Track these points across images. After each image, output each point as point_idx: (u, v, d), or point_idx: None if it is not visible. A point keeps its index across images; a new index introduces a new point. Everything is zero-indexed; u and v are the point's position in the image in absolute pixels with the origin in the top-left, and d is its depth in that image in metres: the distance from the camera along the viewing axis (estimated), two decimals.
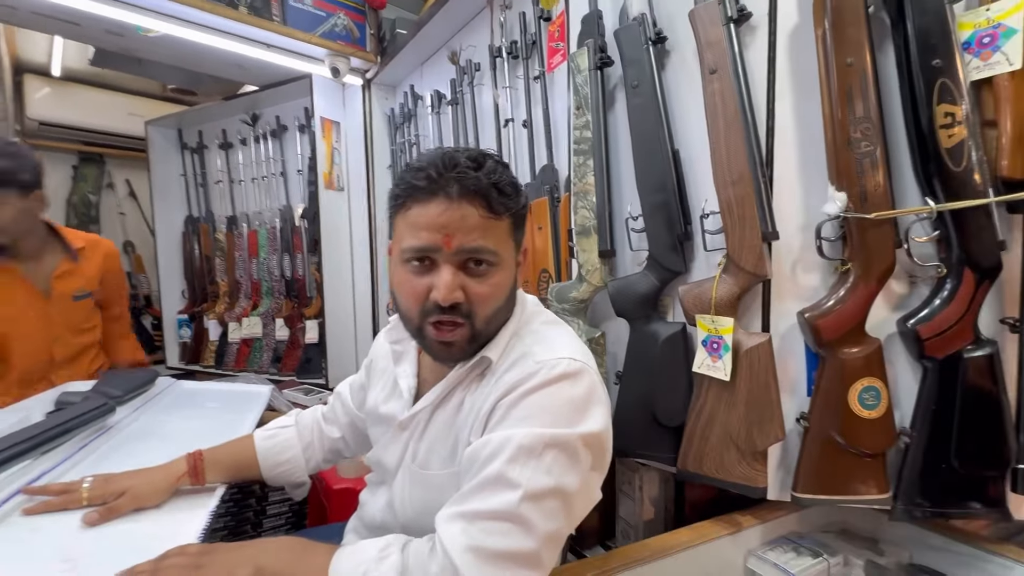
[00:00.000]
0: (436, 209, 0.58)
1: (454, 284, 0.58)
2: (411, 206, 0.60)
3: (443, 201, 0.57)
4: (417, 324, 0.62)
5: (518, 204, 0.62)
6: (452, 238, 0.58)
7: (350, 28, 1.90)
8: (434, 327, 0.60)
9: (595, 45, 0.96)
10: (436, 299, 0.58)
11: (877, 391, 0.75)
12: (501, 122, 1.40)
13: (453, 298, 0.58)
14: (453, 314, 0.59)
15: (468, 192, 0.57)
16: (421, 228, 0.58)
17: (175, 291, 2.54)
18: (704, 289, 0.82)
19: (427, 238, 0.58)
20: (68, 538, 0.67)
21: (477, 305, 0.60)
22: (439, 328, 0.60)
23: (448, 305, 0.58)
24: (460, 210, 0.57)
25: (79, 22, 1.59)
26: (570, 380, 0.57)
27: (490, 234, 0.59)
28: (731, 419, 0.80)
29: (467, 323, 0.60)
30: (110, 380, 1.25)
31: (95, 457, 0.91)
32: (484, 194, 0.58)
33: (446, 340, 0.61)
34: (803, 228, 0.80)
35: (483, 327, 0.62)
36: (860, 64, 0.72)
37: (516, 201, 0.62)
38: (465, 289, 0.59)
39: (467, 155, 0.59)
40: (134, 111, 2.67)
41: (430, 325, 0.60)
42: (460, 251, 0.58)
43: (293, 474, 0.89)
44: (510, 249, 0.63)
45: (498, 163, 0.61)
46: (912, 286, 0.77)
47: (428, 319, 0.60)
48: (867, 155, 0.73)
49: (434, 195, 0.58)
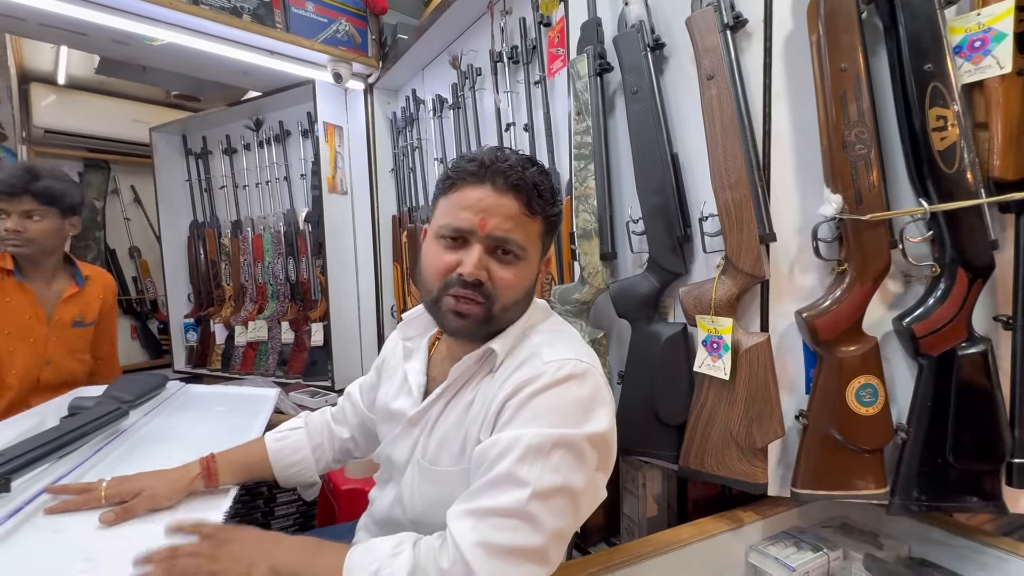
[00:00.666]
0: (480, 193, 0.62)
1: (481, 263, 0.62)
2: (459, 187, 0.64)
3: (488, 188, 0.62)
4: (436, 295, 0.65)
5: (553, 210, 0.66)
6: (488, 222, 0.62)
7: (352, 34, 1.92)
8: (453, 297, 0.63)
9: (594, 51, 0.98)
10: (462, 272, 0.62)
11: (874, 388, 0.76)
12: (503, 126, 1.42)
13: (478, 274, 0.62)
14: (474, 291, 0.63)
15: (512, 185, 0.62)
16: (462, 208, 0.63)
17: (181, 296, 2.57)
18: (704, 290, 0.84)
19: (466, 219, 0.62)
20: (89, 538, 0.69)
21: (499, 289, 0.63)
22: (457, 300, 0.63)
23: (472, 281, 0.62)
24: (502, 199, 0.62)
25: (86, 32, 1.61)
26: (577, 381, 0.59)
27: (522, 229, 0.63)
28: (731, 417, 0.82)
29: (485, 303, 0.63)
30: (121, 385, 1.27)
31: (110, 460, 0.94)
32: (526, 191, 0.62)
33: (461, 311, 0.63)
34: (800, 230, 0.81)
35: (499, 312, 0.65)
36: (854, 69, 0.74)
37: (552, 207, 0.66)
38: (489, 271, 0.63)
39: (517, 156, 0.65)
40: (139, 118, 2.69)
41: (449, 295, 0.64)
42: (492, 236, 0.62)
43: (304, 474, 0.91)
44: (537, 249, 0.67)
45: (543, 171, 0.66)
46: (907, 285, 0.79)
47: (448, 290, 0.64)
48: (861, 158, 0.74)
49: (482, 181, 0.63)
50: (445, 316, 0.65)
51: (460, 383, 0.69)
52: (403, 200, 2.01)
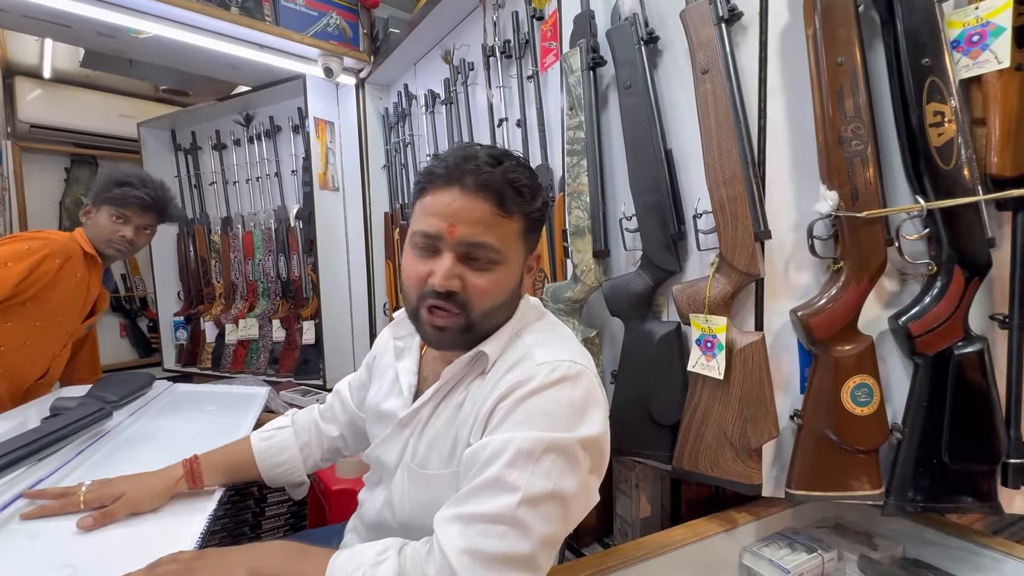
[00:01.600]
0: (447, 198, 0.59)
1: (451, 272, 0.59)
2: (428, 192, 0.62)
3: (456, 191, 0.59)
4: (415, 306, 0.64)
5: (533, 207, 0.63)
6: (456, 228, 0.59)
7: (343, 28, 1.89)
8: (428, 311, 0.62)
9: (587, 45, 0.96)
10: (432, 284, 0.60)
11: (869, 388, 0.75)
12: (495, 122, 1.40)
13: (448, 285, 0.59)
14: (448, 302, 0.61)
15: (481, 186, 0.59)
16: (431, 214, 0.60)
17: (171, 293, 2.54)
18: (698, 288, 0.83)
19: (434, 224, 0.60)
20: (67, 543, 0.67)
21: (474, 297, 0.61)
22: (432, 312, 0.61)
23: (443, 292, 0.60)
24: (470, 202, 0.59)
25: (70, 24, 1.58)
26: (569, 383, 0.58)
27: (496, 231, 0.60)
28: (726, 417, 0.81)
29: (461, 313, 0.61)
30: (106, 384, 1.25)
31: (92, 463, 0.91)
32: (497, 191, 0.59)
33: (438, 324, 0.62)
34: (795, 227, 0.80)
35: (479, 320, 0.62)
36: (850, 63, 0.73)
37: (531, 204, 0.62)
38: (463, 280, 0.60)
39: (488, 152, 0.61)
40: (126, 112, 2.65)
41: (425, 309, 0.62)
42: (462, 242, 0.59)
43: (292, 474, 0.89)
44: (518, 250, 0.63)
45: (519, 164, 0.62)
46: (903, 284, 0.78)
47: (424, 302, 0.62)
48: (858, 154, 0.73)
49: (449, 184, 0.60)
50: (424, 329, 0.64)
51: (451, 384, 0.67)
52: (395, 197, 1.98)
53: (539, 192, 0.64)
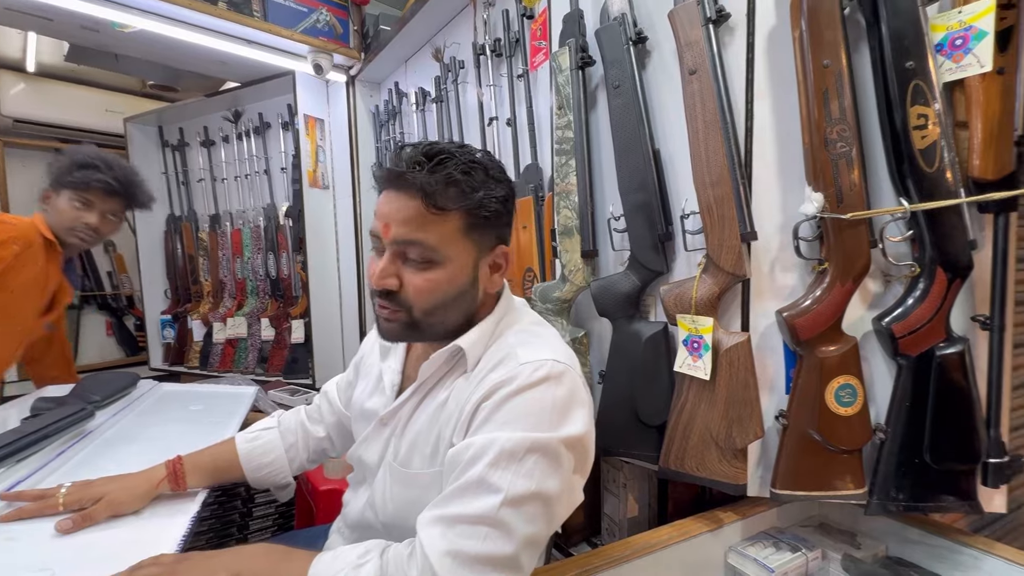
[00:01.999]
0: (384, 198, 0.61)
1: (385, 271, 0.61)
2: (379, 194, 0.64)
3: (389, 192, 0.61)
4: (373, 302, 0.66)
5: (473, 201, 0.59)
6: (389, 228, 0.60)
7: (333, 24, 1.87)
8: (379, 307, 0.64)
9: (576, 45, 0.96)
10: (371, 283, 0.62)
11: (853, 388, 0.76)
12: (485, 120, 1.39)
13: (383, 284, 0.61)
14: (388, 300, 0.62)
15: (407, 184, 0.59)
16: (376, 215, 0.62)
17: (158, 291, 2.51)
18: (685, 289, 0.83)
19: (376, 225, 0.62)
20: (45, 546, 0.66)
21: (412, 296, 0.61)
22: (381, 308, 0.63)
23: (380, 291, 0.61)
24: (398, 201, 0.60)
25: (52, 17, 1.55)
26: (553, 382, 0.58)
27: (429, 228, 0.59)
28: (712, 417, 0.81)
29: (402, 311, 0.62)
30: (89, 384, 1.23)
31: (73, 464, 0.90)
32: (424, 189, 0.58)
33: (385, 317, 0.64)
34: (781, 228, 0.80)
35: (421, 318, 0.62)
36: (836, 65, 0.73)
37: (471, 198, 0.59)
38: (401, 279, 0.61)
39: (424, 148, 0.60)
40: (112, 108, 2.61)
41: (377, 305, 0.64)
42: (395, 242, 0.60)
43: (277, 475, 0.88)
44: (462, 247, 0.61)
45: (457, 159, 0.59)
46: (887, 285, 0.78)
47: (375, 299, 0.64)
48: (843, 156, 0.73)
49: (386, 184, 0.61)
50: (378, 322, 0.66)
51: (432, 382, 0.67)
52: None
53: (482, 186, 0.60)
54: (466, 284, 0.63)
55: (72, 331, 2.76)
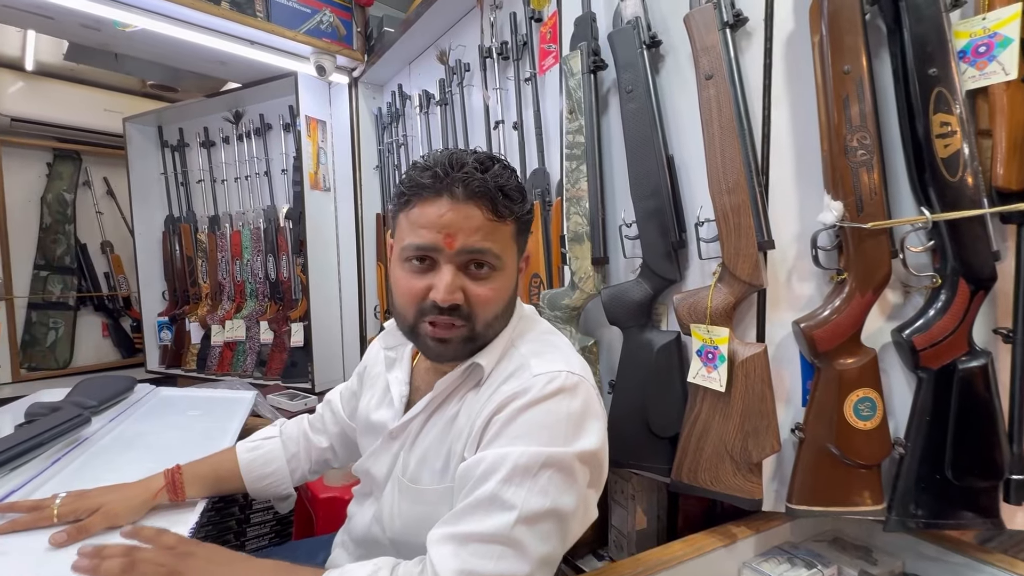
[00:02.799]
0: (440, 208, 0.57)
1: (454, 285, 0.57)
2: (415, 204, 0.59)
3: (447, 201, 0.57)
4: (412, 323, 0.61)
5: (523, 209, 0.62)
6: (455, 238, 0.57)
7: (336, 25, 1.86)
8: (430, 325, 0.59)
9: (588, 48, 0.94)
10: (435, 299, 0.57)
11: (872, 402, 0.74)
12: (491, 124, 1.38)
13: (453, 299, 0.57)
14: (452, 315, 0.59)
15: (473, 193, 0.57)
16: (423, 227, 0.58)
17: (155, 293, 2.48)
18: (699, 298, 0.81)
19: (429, 237, 0.57)
20: (38, 561, 0.64)
21: (478, 307, 0.59)
22: (435, 326, 0.59)
23: (447, 306, 0.57)
24: (464, 211, 0.57)
25: (53, 16, 1.53)
26: (567, 394, 0.56)
27: (493, 237, 0.58)
28: (726, 430, 0.79)
29: (466, 325, 0.59)
30: (85, 388, 1.21)
31: (68, 472, 0.88)
32: (490, 196, 0.57)
33: (442, 337, 0.60)
34: (798, 237, 0.79)
35: (482, 330, 0.61)
36: (857, 72, 0.71)
37: (521, 206, 0.61)
38: (465, 291, 0.58)
39: (475, 157, 0.59)
40: (111, 107, 2.59)
41: (426, 323, 0.60)
42: (462, 252, 0.57)
43: (278, 487, 0.86)
44: (513, 254, 0.62)
45: (505, 167, 0.61)
46: (907, 296, 0.77)
47: (424, 317, 0.60)
48: (863, 163, 0.72)
49: (439, 194, 0.57)
50: (425, 343, 0.62)
51: (444, 396, 0.65)
52: (388, 198, 1.95)
53: (526, 195, 0.63)
54: (514, 291, 0.64)
55: (68, 332, 2.73)
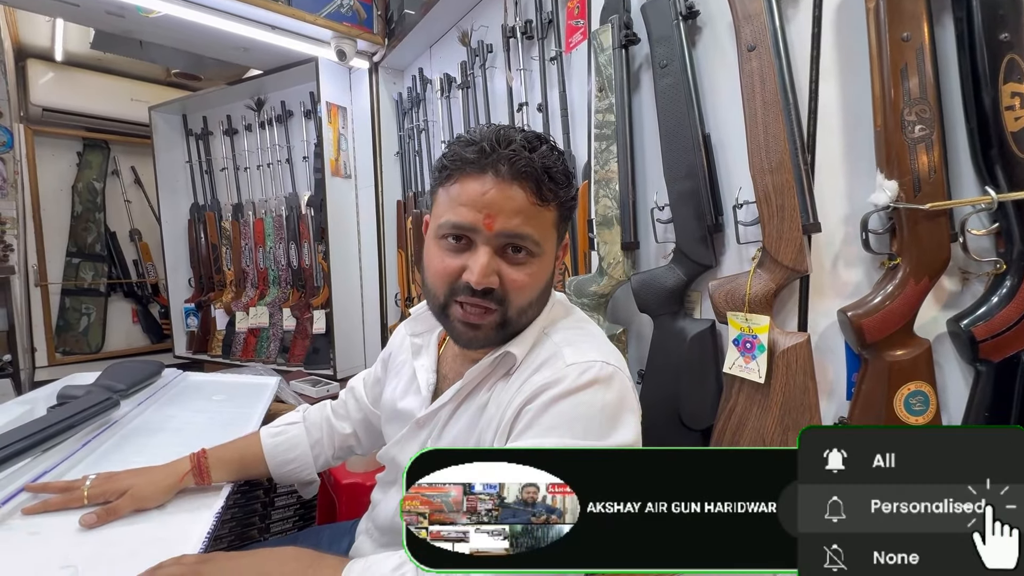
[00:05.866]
0: (483, 186, 0.54)
1: (490, 268, 0.54)
2: (457, 179, 0.56)
3: (491, 179, 0.54)
4: (442, 302, 0.59)
5: (568, 194, 0.58)
6: (495, 219, 0.54)
7: (356, 9, 1.83)
8: (460, 307, 0.57)
9: (620, 21, 0.90)
10: (469, 280, 0.55)
11: (926, 396, 0.70)
12: (514, 106, 1.34)
13: (487, 283, 0.54)
14: (485, 299, 0.56)
15: (519, 173, 0.54)
16: (463, 204, 0.55)
17: (182, 280, 2.52)
18: (737, 285, 0.77)
19: (468, 216, 0.54)
20: (69, 541, 0.64)
21: (512, 293, 0.56)
22: (466, 309, 0.57)
23: (481, 289, 0.55)
24: (508, 191, 0.54)
25: (78, 3, 1.54)
26: (602, 386, 0.53)
27: (535, 221, 0.55)
28: (765, 423, 0.76)
29: (499, 309, 0.57)
30: (114, 372, 1.22)
31: (99, 454, 0.89)
32: (535, 178, 0.54)
33: (472, 322, 0.57)
34: (846, 219, 0.74)
35: (515, 316, 0.58)
36: (917, 38, 0.66)
37: (567, 191, 0.58)
38: (500, 275, 0.55)
39: (523, 135, 0.56)
40: (138, 96, 2.63)
41: (456, 304, 0.57)
42: (501, 235, 0.54)
43: (302, 472, 0.86)
44: (552, 240, 0.59)
45: (553, 149, 0.57)
46: (965, 283, 0.71)
47: (455, 298, 0.57)
48: (922, 139, 0.66)
49: (483, 171, 0.54)
50: (454, 326, 0.59)
51: (473, 384, 0.63)
52: (408, 184, 1.93)
53: (572, 179, 0.59)
54: (550, 278, 0.61)
55: (99, 318, 2.81)
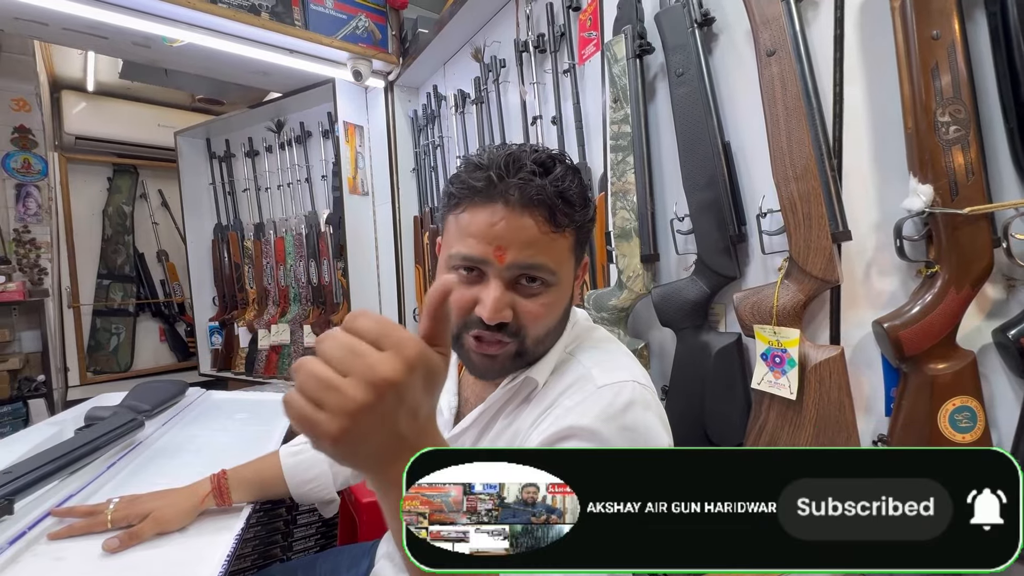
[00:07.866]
0: (492, 217, 0.51)
1: (502, 303, 0.52)
2: (465, 207, 0.53)
3: (501, 209, 0.51)
4: (455, 333, 0.56)
5: (586, 216, 0.55)
6: (506, 252, 0.51)
7: (371, 30, 1.87)
8: (474, 339, 0.55)
9: (633, 31, 0.89)
10: (481, 315, 0.52)
11: (972, 412, 0.65)
12: (528, 120, 1.33)
13: (500, 318, 0.52)
14: (499, 333, 0.53)
15: (530, 201, 0.50)
16: (472, 235, 0.52)
17: (206, 299, 2.58)
18: (763, 296, 0.74)
19: (478, 248, 0.52)
20: (93, 568, 0.64)
21: (528, 324, 0.54)
22: (480, 341, 0.54)
23: (494, 324, 0.52)
24: (519, 221, 0.51)
25: (107, 35, 1.60)
26: (641, 408, 0.51)
27: (549, 250, 0.52)
28: (798, 442, 0.72)
29: (514, 341, 0.54)
30: (139, 393, 1.24)
31: (123, 476, 0.90)
32: (548, 205, 0.51)
33: (488, 353, 0.55)
34: (878, 226, 0.70)
35: (532, 346, 0.55)
36: (947, 36, 0.63)
37: (583, 214, 0.55)
38: (515, 307, 0.53)
39: (534, 158, 0.52)
40: (164, 122, 2.72)
41: (470, 337, 0.55)
42: (513, 267, 0.52)
43: (322, 491, 0.85)
44: (569, 265, 0.56)
45: (568, 169, 0.54)
46: (1010, 290, 0.67)
47: (469, 330, 0.55)
48: (957, 141, 0.63)
49: (492, 200, 0.51)
50: (469, 357, 0.57)
51: (495, 409, 0.61)
52: (425, 200, 1.95)
53: (589, 200, 0.56)
54: (568, 304, 0.58)
55: (128, 337, 2.88)
